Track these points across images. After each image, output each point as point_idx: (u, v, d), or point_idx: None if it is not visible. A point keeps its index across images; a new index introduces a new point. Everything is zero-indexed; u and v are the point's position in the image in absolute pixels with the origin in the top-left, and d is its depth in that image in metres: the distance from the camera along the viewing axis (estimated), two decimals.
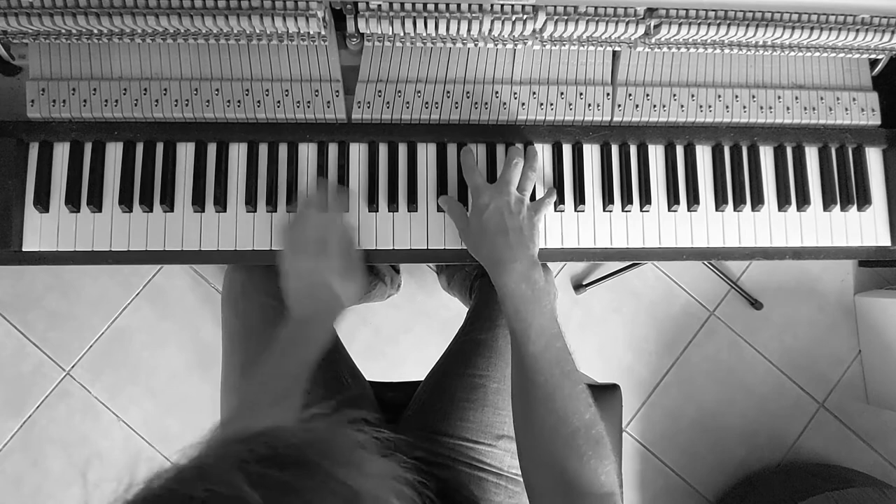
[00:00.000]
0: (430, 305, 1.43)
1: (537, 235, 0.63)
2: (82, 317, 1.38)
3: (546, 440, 0.52)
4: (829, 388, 1.47)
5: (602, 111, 0.70)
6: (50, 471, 1.36)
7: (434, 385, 0.77)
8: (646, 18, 0.63)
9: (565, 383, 0.54)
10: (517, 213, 0.62)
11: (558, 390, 0.53)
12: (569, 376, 0.54)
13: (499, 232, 0.60)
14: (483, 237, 0.61)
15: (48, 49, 0.66)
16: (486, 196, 0.63)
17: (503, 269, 0.59)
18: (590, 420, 0.52)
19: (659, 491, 1.43)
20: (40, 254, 0.66)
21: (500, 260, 0.59)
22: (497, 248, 0.60)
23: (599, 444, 0.51)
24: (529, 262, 0.59)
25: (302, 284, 0.62)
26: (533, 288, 0.57)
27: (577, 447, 0.51)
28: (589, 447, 0.51)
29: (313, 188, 0.67)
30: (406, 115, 0.69)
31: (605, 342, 1.46)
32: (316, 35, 0.64)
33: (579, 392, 0.53)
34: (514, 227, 0.61)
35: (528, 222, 0.62)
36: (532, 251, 0.61)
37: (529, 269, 0.58)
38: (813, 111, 0.72)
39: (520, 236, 0.60)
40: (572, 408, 0.52)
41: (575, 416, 0.52)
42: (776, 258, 0.72)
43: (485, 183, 0.65)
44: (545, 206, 0.66)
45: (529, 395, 0.55)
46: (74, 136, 0.66)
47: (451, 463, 0.69)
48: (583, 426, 0.51)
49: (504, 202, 0.62)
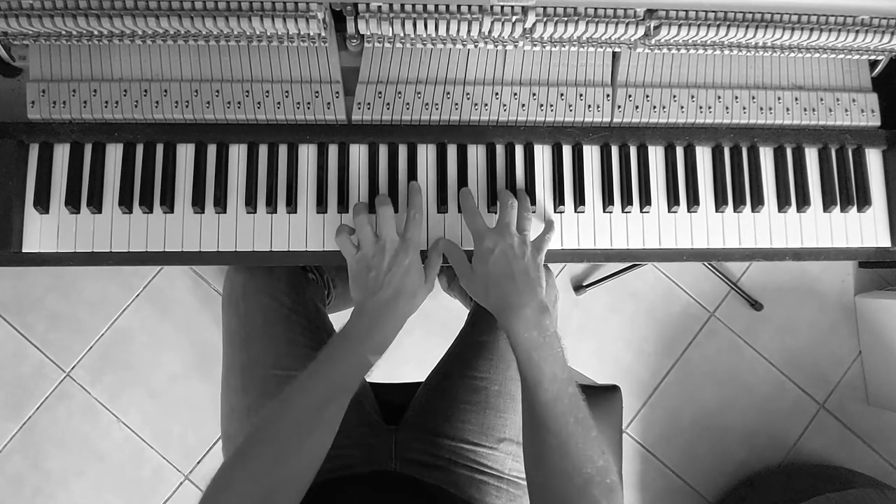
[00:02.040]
0: (431, 307, 1.43)
1: (543, 277, 0.62)
2: (82, 318, 1.38)
3: (559, 487, 0.52)
4: (830, 388, 1.47)
5: (602, 112, 0.70)
6: (50, 472, 1.36)
7: (435, 387, 0.77)
8: (645, 20, 0.63)
9: (578, 431, 0.53)
10: (521, 255, 0.61)
11: (572, 438, 0.53)
12: (582, 423, 0.54)
13: (505, 277, 0.60)
14: (490, 283, 0.61)
15: (48, 50, 0.66)
16: (489, 241, 0.62)
17: (513, 317, 0.58)
18: (603, 467, 0.52)
19: (659, 492, 1.43)
20: (40, 255, 0.66)
21: (509, 306, 0.59)
22: (505, 293, 0.59)
23: (613, 493, 0.51)
24: (539, 306, 0.58)
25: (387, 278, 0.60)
26: (544, 334, 0.57)
27: (590, 495, 0.50)
28: (603, 496, 0.51)
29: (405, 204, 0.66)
30: (406, 116, 0.69)
31: (605, 343, 1.46)
32: (316, 36, 0.64)
33: (593, 439, 0.53)
34: (520, 270, 0.60)
35: (533, 263, 0.61)
36: (540, 295, 0.60)
37: (540, 315, 0.58)
38: (813, 112, 0.72)
39: (527, 280, 0.60)
40: (586, 455, 0.52)
41: (588, 464, 0.52)
42: (776, 259, 0.72)
43: (486, 227, 0.64)
44: (546, 243, 0.65)
45: (542, 441, 0.54)
46: (75, 138, 0.66)
47: (452, 466, 0.69)
48: (597, 473, 0.51)
49: (508, 245, 0.61)
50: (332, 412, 0.55)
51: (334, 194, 0.68)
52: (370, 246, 0.62)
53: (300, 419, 0.53)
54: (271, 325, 0.74)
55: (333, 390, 0.56)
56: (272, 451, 0.51)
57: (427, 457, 0.70)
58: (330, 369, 0.57)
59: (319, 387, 0.56)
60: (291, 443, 0.52)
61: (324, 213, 0.68)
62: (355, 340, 0.59)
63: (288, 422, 0.53)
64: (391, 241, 0.61)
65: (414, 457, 0.70)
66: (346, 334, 0.59)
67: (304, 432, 0.53)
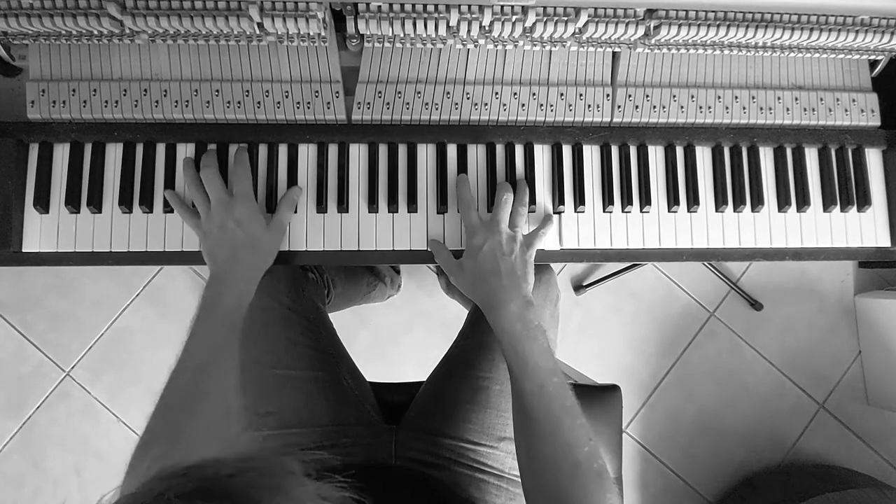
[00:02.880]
0: (431, 306, 1.43)
1: (530, 273, 0.63)
2: (82, 317, 1.38)
3: (549, 473, 0.53)
4: (830, 388, 1.47)
5: (602, 112, 0.70)
6: (50, 471, 1.36)
7: (436, 386, 0.78)
8: (645, 19, 0.63)
9: (565, 418, 0.55)
10: (509, 252, 0.62)
11: (559, 425, 0.54)
12: (568, 411, 0.55)
13: (492, 274, 0.61)
14: (477, 279, 0.63)
15: (48, 50, 0.66)
16: (479, 237, 0.63)
17: (498, 311, 0.60)
18: (590, 453, 0.53)
19: (659, 492, 1.43)
20: (40, 255, 0.66)
21: (495, 301, 0.61)
22: (491, 289, 0.61)
23: (601, 477, 0.52)
24: (523, 301, 0.60)
25: (221, 237, 0.62)
26: (527, 327, 0.59)
27: (579, 480, 0.52)
28: (591, 480, 0.52)
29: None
30: (406, 116, 0.69)
31: (605, 343, 1.46)
32: (316, 36, 0.64)
33: (579, 426, 0.54)
34: (506, 268, 0.62)
35: (520, 261, 0.63)
36: (525, 291, 0.61)
37: (523, 309, 0.60)
38: (813, 112, 0.72)
39: (512, 277, 0.61)
40: (573, 441, 0.53)
41: (576, 450, 0.53)
42: (776, 259, 0.72)
43: (479, 221, 0.65)
44: (538, 238, 0.66)
45: (530, 430, 0.56)
46: (74, 137, 0.66)
47: (452, 465, 0.69)
48: (584, 459, 0.52)
49: (497, 243, 0.62)
50: (215, 372, 0.57)
51: (334, 194, 0.68)
52: (203, 210, 0.63)
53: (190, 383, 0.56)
54: (271, 325, 0.74)
55: (209, 353, 0.58)
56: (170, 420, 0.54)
57: (427, 456, 0.70)
58: (200, 335, 0.58)
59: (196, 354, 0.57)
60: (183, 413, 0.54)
61: (324, 213, 0.68)
62: (216, 309, 0.60)
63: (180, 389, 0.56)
64: (217, 201, 0.63)
65: (414, 456, 0.70)
66: (203, 305, 0.60)
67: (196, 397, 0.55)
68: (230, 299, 0.60)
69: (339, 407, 0.72)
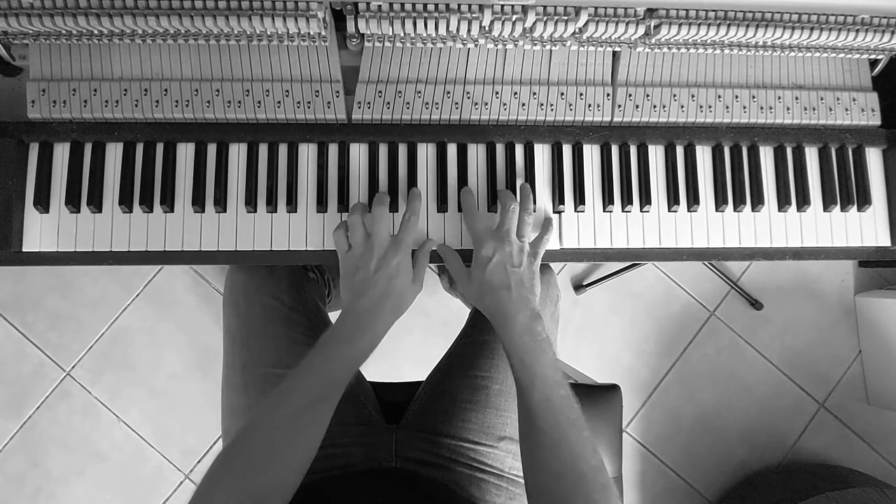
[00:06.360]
0: (431, 306, 1.43)
1: (537, 285, 0.63)
2: (83, 317, 1.38)
3: (553, 485, 0.53)
4: (830, 388, 1.47)
5: (602, 111, 0.70)
6: (50, 471, 1.36)
7: (436, 386, 0.78)
8: (646, 19, 0.63)
9: (571, 431, 0.55)
10: (518, 264, 0.62)
11: (564, 437, 0.54)
12: (574, 424, 0.55)
13: (502, 286, 0.61)
14: (485, 290, 0.62)
15: (49, 50, 0.66)
16: (488, 248, 0.62)
17: (506, 323, 0.60)
18: (596, 466, 0.53)
19: (659, 491, 1.43)
20: (40, 254, 0.66)
21: (503, 314, 0.60)
22: (500, 302, 0.61)
23: (606, 490, 0.52)
24: (531, 314, 0.60)
25: (374, 279, 0.60)
26: (535, 339, 0.59)
27: (584, 492, 0.52)
28: (595, 490, 0.52)
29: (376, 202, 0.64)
30: (406, 116, 0.69)
31: (605, 342, 1.46)
32: (316, 35, 0.64)
33: (585, 439, 0.54)
34: (516, 280, 0.61)
35: (528, 272, 0.62)
36: (533, 303, 0.61)
37: (532, 322, 0.59)
38: (813, 111, 0.72)
39: (521, 289, 0.61)
40: (579, 454, 0.53)
41: (581, 462, 0.53)
42: (776, 258, 0.72)
43: (486, 231, 0.64)
44: (543, 245, 0.66)
45: (536, 441, 0.56)
46: (75, 137, 0.66)
47: (452, 464, 0.69)
48: (589, 471, 0.52)
49: (507, 254, 0.62)
50: (322, 410, 0.56)
51: (334, 193, 0.68)
52: (360, 245, 0.62)
53: (291, 417, 0.54)
54: (272, 325, 0.74)
55: (323, 389, 0.56)
56: (264, 448, 0.52)
57: (427, 455, 0.70)
58: (318, 370, 0.57)
59: (309, 386, 0.56)
60: (282, 440, 0.52)
61: (324, 212, 0.68)
62: (344, 342, 0.59)
63: (279, 419, 0.53)
64: (381, 241, 0.61)
65: (414, 455, 0.70)
66: (332, 336, 0.59)
67: (295, 430, 0.54)
68: (359, 347, 0.59)
69: (339, 406, 0.72)
